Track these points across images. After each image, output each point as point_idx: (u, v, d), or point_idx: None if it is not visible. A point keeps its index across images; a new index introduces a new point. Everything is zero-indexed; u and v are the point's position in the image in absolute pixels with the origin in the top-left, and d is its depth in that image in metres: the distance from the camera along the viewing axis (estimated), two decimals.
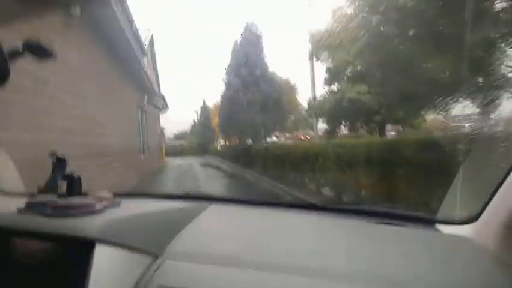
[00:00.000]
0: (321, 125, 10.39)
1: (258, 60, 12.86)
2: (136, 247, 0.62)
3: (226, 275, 0.59)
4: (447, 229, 0.79)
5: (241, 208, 1.09)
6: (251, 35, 12.85)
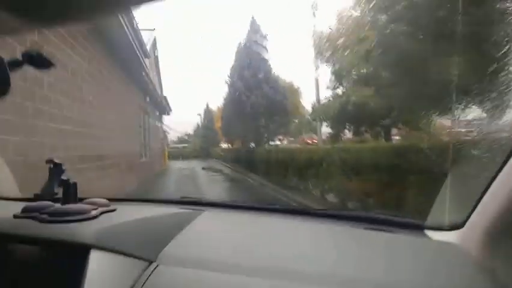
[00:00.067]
0: (324, 128, 10.24)
1: (261, 63, 12.73)
2: (130, 253, 0.62)
3: (220, 280, 0.59)
4: (435, 235, 0.80)
5: (235, 213, 1.10)
6: (255, 37, 12.73)
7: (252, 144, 13.69)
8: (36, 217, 0.66)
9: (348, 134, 9.13)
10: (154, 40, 12.54)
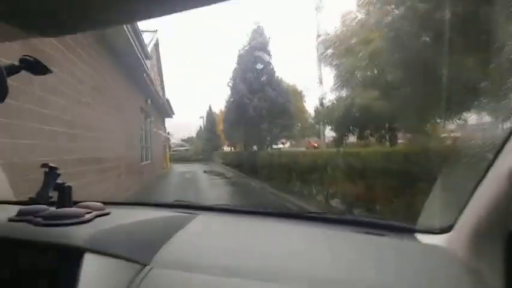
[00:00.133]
0: (328, 132, 10.10)
1: (264, 65, 12.58)
2: (124, 256, 0.62)
3: (214, 283, 0.59)
4: (425, 238, 0.81)
5: (229, 217, 1.11)
6: (258, 40, 12.60)
7: (255, 148, 13.53)
8: (31, 220, 0.66)
9: (352, 138, 8.96)
10: (157, 42, 12.44)
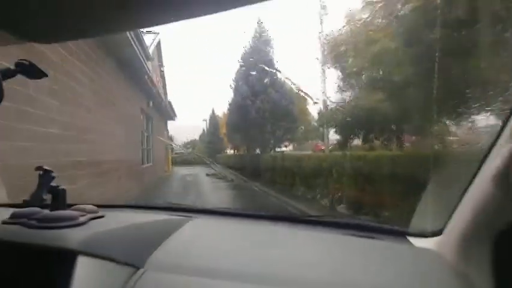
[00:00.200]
0: (331, 135, 9.94)
1: (267, 67, 12.42)
2: (117, 259, 0.62)
3: (208, 286, 0.59)
4: (417, 242, 0.82)
5: (224, 220, 1.11)
6: (261, 41, 12.46)
7: (258, 151, 13.37)
8: (25, 223, 0.66)
9: (356, 141, 8.79)
10: (159, 44, 12.34)
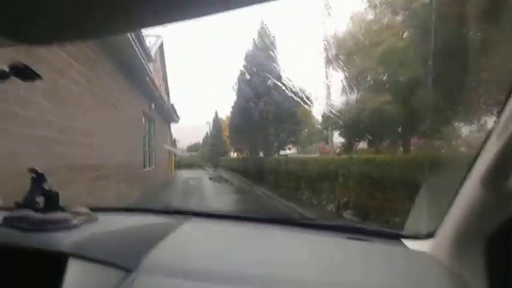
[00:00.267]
0: (336, 138, 9.82)
1: (270, 68, 12.27)
2: (110, 261, 0.63)
3: None
4: (411, 244, 0.83)
5: (219, 223, 1.12)
6: (264, 42, 12.32)
7: (261, 154, 13.20)
8: (18, 226, 0.65)
9: (361, 144, 8.61)
10: (161, 46, 12.26)
